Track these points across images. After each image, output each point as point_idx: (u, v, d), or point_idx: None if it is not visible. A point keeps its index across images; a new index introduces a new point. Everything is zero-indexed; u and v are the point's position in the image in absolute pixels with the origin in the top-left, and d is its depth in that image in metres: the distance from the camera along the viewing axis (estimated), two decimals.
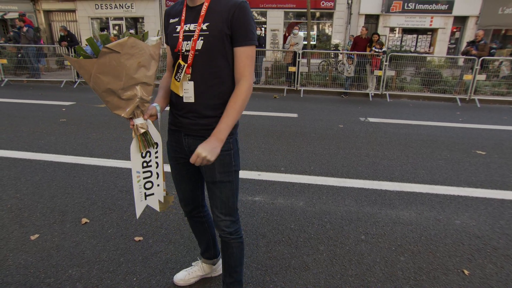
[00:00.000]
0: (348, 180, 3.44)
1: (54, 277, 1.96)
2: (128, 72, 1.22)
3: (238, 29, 1.31)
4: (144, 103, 1.33)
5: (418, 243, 2.39)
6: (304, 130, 5.27)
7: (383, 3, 16.78)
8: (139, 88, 1.27)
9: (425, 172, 3.72)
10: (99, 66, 1.18)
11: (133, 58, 1.22)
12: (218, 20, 1.31)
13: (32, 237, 2.35)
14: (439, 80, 9.02)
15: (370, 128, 5.54)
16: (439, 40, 17.19)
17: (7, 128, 4.97)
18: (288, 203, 2.91)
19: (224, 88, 1.39)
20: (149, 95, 1.33)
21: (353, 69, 8.76)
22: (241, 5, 1.30)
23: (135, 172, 1.44)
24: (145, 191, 1.51)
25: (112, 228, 2.47)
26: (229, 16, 1.30)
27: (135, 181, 1.45)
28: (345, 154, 4.20)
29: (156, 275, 2.01)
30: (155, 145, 1.46)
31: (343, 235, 2.48)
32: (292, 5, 17.64)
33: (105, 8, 19.38)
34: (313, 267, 2.11)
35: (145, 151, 1.42)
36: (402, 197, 3.11)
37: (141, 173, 1.45)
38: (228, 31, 1.32)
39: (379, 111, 7.03)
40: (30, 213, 2.66)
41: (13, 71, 10.48)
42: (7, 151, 3.99)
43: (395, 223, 2.66)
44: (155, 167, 1.50)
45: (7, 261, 2.10)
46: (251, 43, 1.34)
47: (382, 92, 8.77)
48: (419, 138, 5.02)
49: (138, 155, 1.42)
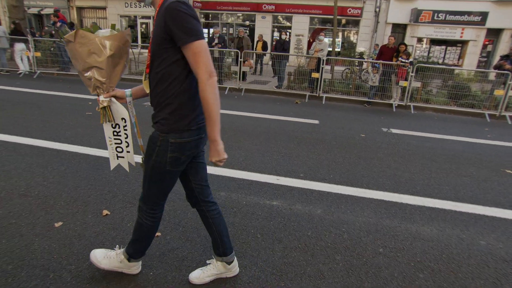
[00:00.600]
0: (368, 190, 3.38)
1: (75, 265, 2.02)
2: (82, 57, 1.55)
3: (174, 31, 1.38)
4: (103, 84, 1.62)
5: (439, 261, 2.31)
6: (324, 137, 5.23)
7: (412, 13, 16.44)
8: (94, 70, 1.58)
9: (448, 188, 3.60)
10: (69, 52, 1.60)
11: (84, 46, 1.54)
12: (157, 25, 1.43)
13: (56, 224, 2.43)
14: (467, 94, 8.73)
15: (393, 139, 5.43)
16: (469, 52, 16.64)
17: (37, 118, 5.18)
18: (306, 210, 2.89)
19: (167, 87, 1.51)
20: (103, 78, 1.60)
21: (377, 78, 8.62)
22: (169, 7, 1.36)
23: (107, 137, 1.79)
24: (117, 153, 1.85)
25: (131, 222, 2.52)
26: (164, 21, 1.38)
27: (108, 143, 1.81)
28: (365, 164, 4.13)
29: (172, 271, 2.03)
30: (113, 120, 1.73)
31: (361, 246, 2.43)
32: (318, 11, 17.58)
33: (134, 6, 19.95)
34: (328, 277, 2.08)
35: (106, 122, 1.72)
36: (424, 212, 3.02)
37: (112, 139, 1.80)
38: (166, 35, 1.40)
39: (403, 123, 6.88)
40: (55, 201, 2.76)
41: (45, 64, 10.93)
42: (37, 140, 4.15)
43: (415, 238, 2.59)
44: (124, 137, 1.81)
45: (33, 245, 2.18)
46: (190, 40, 1.38)
47: (407, 104, 8.58)
48: (443, 153, 4.87)
49: (109, 125, 1.76)
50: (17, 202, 2.70)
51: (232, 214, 2.74)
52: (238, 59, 9.44)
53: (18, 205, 2.65)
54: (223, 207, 2.83)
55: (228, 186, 3.25)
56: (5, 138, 4.17)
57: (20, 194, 2.84)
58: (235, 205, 2.88)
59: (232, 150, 4.30)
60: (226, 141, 4.65)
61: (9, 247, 2.15)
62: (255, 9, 18.32)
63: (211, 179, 3.39)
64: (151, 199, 1.74)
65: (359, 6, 16.96)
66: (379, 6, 16.83)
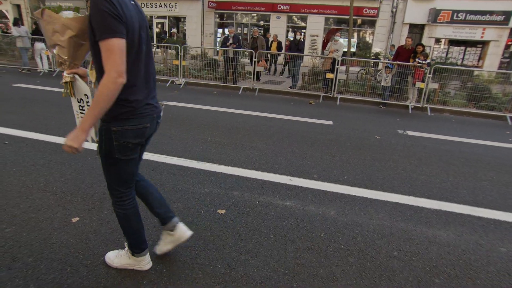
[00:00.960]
0: (382, 193, 3.33)
1: (91, 260, 2.06)
2: (48, 34, 1.66)
3: (94, 26, 1.44)
4: (66, 62, 1.72)
5: (455, 267, 2.26)
6: (339, 139, 5.18)
7: (430, 13, 16.10)
8: (58, 48, 1.69)
9: (466, 192, 3.51)
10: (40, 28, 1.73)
11: (49, 25, 1.63)
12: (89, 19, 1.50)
13: (73, 219, 2.49)
14: (487, 96, 8.49)
15: (409, 142, 5.33)
16: (490, 53, 16.14)
17: (56, 116, 5.32)
18: (319, 211, 2.87)
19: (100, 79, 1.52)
20: (65, 56, 1.70)
21: (390, 78, 8.47)
22: (92, 2, 1.41)
23: (75, 111, 1.91)
24: None
25: (145, 219, 2.55)
26: (89, 15, 1.46)
27: (75, 116, 1.93)
28: (380, 166, 4.07)
29: (185, 269, 2.05)
30: (73, 95, 1.84)
31: (375, 249, 2.39)
32: (334, 11, 17.42)
33: (150, 6, 20.23)
34: (341, 279, 2.06)
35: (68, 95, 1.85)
36: (440, 216, 2.95)
37: (78, 112, 1.91)
38: (91, 30, 1.47)
39: (419, 125, 6.74)
40: (72, 197, 2.83)
41: None
42: (56, 137, 4.26)
43: (430, 242, 2.53)
44: None
45: (52, 239, 2.24)
46: (104, 37, 1.41)
47: (423, 105, 8.41)
48: (461, 156, 4.75)
49: (75, 100, 1.88)
50: (36, 197, 2.77)
51: (245, 214, 2.74)
52: (252, 59, 9.45)
53: (38, 200, 2.73)
54: (236, 207, 2.84)
55: (241, 186, 3.25)
56: (25, 134, 4.30)
57: (39, 189, 2.92)
58: (248, 205, 2.89)
59: (245, 150, 4.30)
60: (239, 141, 4.66)
61: (29, 240, 2.21)
62: (270, 9, 18.30)
63: (223, 178, 3.40)
64: (113, 188, 1.82)
65: (375, 6, 16.72)
66: (396, 6, 16.54)
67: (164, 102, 7.06)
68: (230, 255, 2.21)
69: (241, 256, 2.20)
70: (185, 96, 8.06)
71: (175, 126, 5.23)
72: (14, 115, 5.19)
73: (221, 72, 10.41)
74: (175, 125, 5.26)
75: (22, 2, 21.81)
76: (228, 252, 2.24)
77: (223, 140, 4.65)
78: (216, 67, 10.73)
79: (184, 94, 8.36)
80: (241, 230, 2.50)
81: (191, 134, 4.84)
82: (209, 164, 3.75)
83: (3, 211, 2.53)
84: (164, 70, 11.14)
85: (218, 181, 3.33)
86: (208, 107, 6.89)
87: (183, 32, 20.57)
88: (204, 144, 4.45)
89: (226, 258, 2.18)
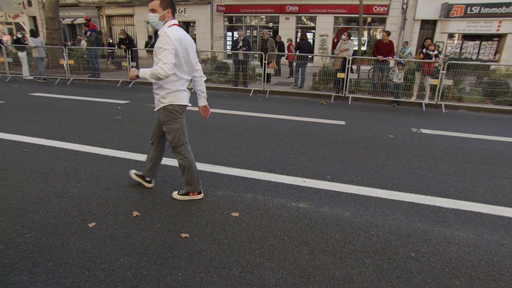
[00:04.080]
0: (397, 193, 3.27)
1: (108, 264, 2.09)
2: None
3: None
4: None
5: (477, 268, 2.19)
6: (351, 139, 5.12)
7: (442, 8, 15.79)
8: None
9: (485, 190, 3.41)
10: None
11: None
12: None
13: (89, 224, 2.53)
14: (506, 91, 8.26)
15: (423, 140, 5.22)
16: (507, 46, 15.66)
17: (71, 123, 5.44)
18: (334, 212, 2.84)
19: None
20: None
21: (402, 75, 8.32)
22: None
23: None
24: None
25: (160, 223, 2.58)
26: None
27: None
28: (395, 166, 4.00)
29: (200, 272, 2.06)
30: None
31: (391, 250, 2.35)
32: (343, 10, 17.29)
33: None
34: (358, 281, 2.03)
35: None
36: (458, 215, 2.88)
37: None
38: None
39: (433, 122, 6.61)
40: (88, 202, 2.88)
41: (77, 71, 11.47)
42: (71, 144, 4.36)
43: (449, 242, 2.47)
44: None
45: (69, 244, 2.28)
46: None
47: (437, 103, 8.24)
48: (479, 153, 4.63)
49: None
50: (54, 203, 2.84)
51: (259, 216, 2.73)
52: (262, 61, 9.46)
53: (55, 206, 2.79)
54: (249, 209, 2.84)
55: (254, 188, 3.25)
56: (42, 142, 4.41)
57: (56, 195, 2.98)
58: (262, 207, 2.88)
59: (257, 152, 4.30)
60: (251, 143, 4.67)
61: (48, 245, 2.26)
62: (279, 11, 18.30)
63: (236, 181, 3.41)
64: None
65: (385, 3, 16.52)
66: (407, 2, 16.30)
67: None
68: (244, 258, 2.21)
69: (256, 259, 2.20)
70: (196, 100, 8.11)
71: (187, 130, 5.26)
72: (31, 123, 5.33)
73: (231, 75, 10.46)
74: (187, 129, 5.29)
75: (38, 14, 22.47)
76: (242, 255, 2.24)
77: (235, 143, 4.67)
78: (227, 70, 10.78)
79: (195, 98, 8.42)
80: (255, 233, 2.50)
81: (203, 138, 4.87)
82: (222, 167, 3.76)
83: (24, 216, 2.60)
84: None
85: (231, 184, 3.34)
86: (219, 110, 6.93)
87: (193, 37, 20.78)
88: (216, 147, 4.47)
89: (241, 261, 2.17)
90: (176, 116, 2.72)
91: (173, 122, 2.72)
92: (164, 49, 2.44)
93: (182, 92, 2.73)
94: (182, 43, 2.55)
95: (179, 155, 2.84)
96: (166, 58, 2.43)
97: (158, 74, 2.44)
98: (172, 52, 2.45)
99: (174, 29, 2.53)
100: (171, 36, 2.45)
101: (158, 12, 2.56)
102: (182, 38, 2.54)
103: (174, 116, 2.71)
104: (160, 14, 2.57)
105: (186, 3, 19.64)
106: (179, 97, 2.71)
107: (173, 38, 2.46)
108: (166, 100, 2.67)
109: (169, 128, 2.74)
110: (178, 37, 2.50)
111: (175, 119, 2.73)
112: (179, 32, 2.53)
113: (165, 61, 2.43)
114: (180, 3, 19.76)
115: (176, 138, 2.77)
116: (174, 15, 2.66)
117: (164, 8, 2.57)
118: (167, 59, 2.44)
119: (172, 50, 2.45)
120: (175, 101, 2.69)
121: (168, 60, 2.44)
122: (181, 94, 2.73)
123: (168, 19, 2.61)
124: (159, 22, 2.59)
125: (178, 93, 2.70)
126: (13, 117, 5.74)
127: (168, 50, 2.44)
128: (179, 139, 2.78)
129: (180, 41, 2.53)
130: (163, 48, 2.44)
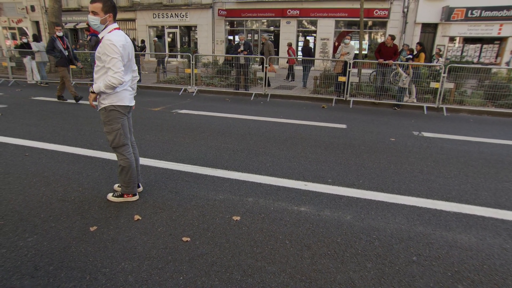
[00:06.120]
0: (399, 196, 3.26)
1: (109, 268, 2.10)
2: None
3: None
4: None
5: (479, 272, 2.18)
6: (353, 142, 5.12)
7: (443, 11, 15.83)
8: None
9: (488, 194, 3.40)
10: None
11: None
12: None
13: (91, 228, 2.53)
14: (507, 94, 8.25)
15: (425, 143, 5.22)
16: (508, 49, 15.66)
17: (73, 127, 5.47)
18: (335, 216, 2.83)
19: None
20: None
21: (408, 79, 8.34)
22: None
23: None
24: None
25: (162, 227, 2.58)
26: None
27: None
28: (396, 169, 4.00)
29: (201, 276, 2.05)
30: None
31: (393, 254, 2.34)
32: (344, 14, 17.35)
33: (161, 17, 20.67)
34: (359, 285, 2.02)
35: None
36: (460, 219, 2.87)
37: None
38: None
39: (435, 126, 6.60)
40: (90, 206, 2.88)
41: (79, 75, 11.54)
42: (73, 148, 4.37)
43: (451, 246, 2.46)
44: None
45: (71, 248, 2.28)
46: None
47: (439, 106, 8.23)
48: (481, 157, 4.62)
49: None
50: (56, 207, 2.84)
51: (260, 220, 2.73)
52: (263, 65, 9.50)
53: (57, 209, 2.80)
54: (250, 213, 2.84)
55: (255, 192, 3.25)
56: (45, 146, 4.43)
57: (58, 199, 2.99)
58: (263, 211, 2.88)
59: (259, 156, 4.31)
60: (253, 147, 4.67)
61: (49, 249, 2.26)
62: (280, 15, 18.39)
63: (237, 184, 3.41)
64: None
65: (386, 7, 16.57)
66: (408, 6, 16.35)
67: (177, 111, 7.15)
68: (246, 261, 2.21)
69: (257, 263, 2.19)
70: (198, 104, 8.15)
71: (189, 133, 5.29)
72: (34, 127, 5.36)
73: (232, 79, 10.50)
74: (189, 133, 5.31)
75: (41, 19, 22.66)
76: (244, 258, 2.23)
77: (236, 147, 4.67)
78: (228, 74, 10.82)
79: (196, 102, 8.46)
80: (257, 237, 2.50)
81: (205, 141, 4.88)
82: (223, 170, 3.77)
83: (26, 221, 2.61)
84: (176, 79, 11.31)
85: (232, 187, 3.34)
86: (221, 114, 6.94)
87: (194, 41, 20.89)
88: (218, 151, 4.47)
89: (242, 264, 2.17)
90: (116, 116, 2.76)
91: (114, 122, 2.76)
92: (112, 58, 2.52)
93: (123, 93, 2.76)
94: (125, 49, 2.65)
95: (119, 155, 2.88)
96: (115, 67, 2.52)
97: (112, 84, 2.54)
98: (119, 60, 2.55)
99: (116, 35, 2.60)
100: (116, 44, 2.53)
101: (99, 15, 2.61)
102: (125, 44, 2.64)
103: (114, 117, 2.75)
104: (101, 18, 2.62)
105: (187, 7, 19.78)
106: (120, 98, 2.74)
107: (118, 45, 2.54)
108: (107, 101, 2.71)
109: (110, 128, 2.78)
110: (122, 44, 2.59)
111: (115, 120, 2.76)
112: (122, 39, 2.61)
113: (116, 70, 2.53)
114: (181, 7, 19.91)
115: (117, 139, 2.80)
116: (115, 19, 2.72)
117: (105, 12, 2.63)
118: (117, 68, 2.53)
119: (119, 58, 2.54)
120: (116, 102, 2.72)
121: (117, 68, 2.53)
122: (122, 95, 2.76)
123: (109, 23, 2.67)
124: (100, 25, 2.65)
125: (119, 94, 2.73)
126: (15, 121, 5.77)
127: (116, 59, 2.53)
128: (119, 140, 2.81)
129: (124, 47, 2.62)
130: (110, 56, 2.52)
